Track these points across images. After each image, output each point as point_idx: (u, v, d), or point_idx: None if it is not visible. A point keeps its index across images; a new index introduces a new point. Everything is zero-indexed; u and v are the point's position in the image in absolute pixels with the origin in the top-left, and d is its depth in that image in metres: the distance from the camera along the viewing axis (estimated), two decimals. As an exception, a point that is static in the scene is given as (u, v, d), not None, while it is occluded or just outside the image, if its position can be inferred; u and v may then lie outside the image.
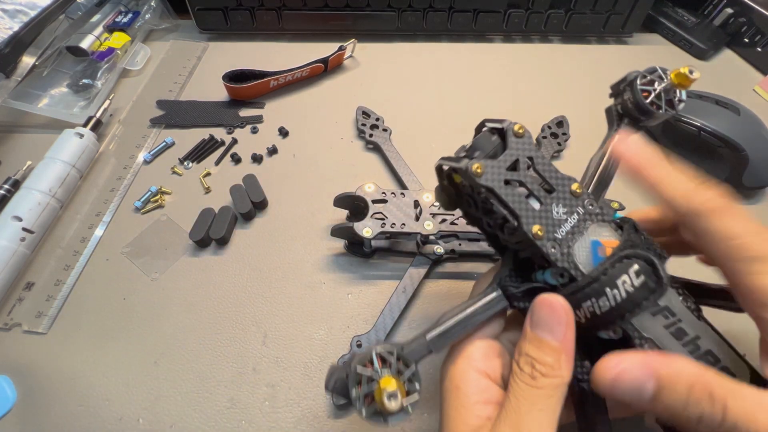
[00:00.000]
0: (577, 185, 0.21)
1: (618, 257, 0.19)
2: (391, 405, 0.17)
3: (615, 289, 0.18)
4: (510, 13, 0.51)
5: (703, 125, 0.38)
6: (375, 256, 0.35)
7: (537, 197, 0.20)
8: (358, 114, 0.43)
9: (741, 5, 0.51)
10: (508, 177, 0.20)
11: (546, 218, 0.20)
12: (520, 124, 0.21)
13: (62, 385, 0.29)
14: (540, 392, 0.18)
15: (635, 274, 0.18)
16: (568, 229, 0.20)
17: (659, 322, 0.19)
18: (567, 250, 0.20)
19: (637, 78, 0.24)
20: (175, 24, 0.53)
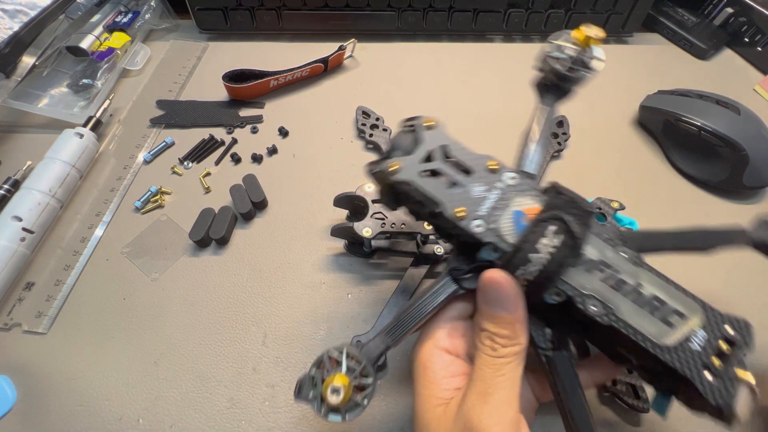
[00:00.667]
0: (494, 162, 0.22)
1: (536, 222, 0.20)
2: (333, 399, 0.18)
3: (538, 253, 0.19)
4: (510, 13, 0.51)
5: (703, 125, 0.38)
6: (375, 256, 0.35)
7: (455, 181, 0.21)
8: (358, 114, 0.43)
9: (741, 5, 0.50)
10: (424, 168, 0.21)
11: (466, 199, 0.21)
12: (430, 117, 0.22)
13: (62, 385, 0.29)
14: (501, 360, 0.20)
15: (553, 235, 0.19)
16: (490, 204, 0.21)
17: (596, 276, 0.20)
18: (493, 225, 0.21)
19: (547, 49, 0.26)
20: (175, 24, 0.53)
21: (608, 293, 0.20)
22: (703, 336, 0.20)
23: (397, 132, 0.23)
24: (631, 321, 0.19)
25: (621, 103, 0.47)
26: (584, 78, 0.26)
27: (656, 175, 0.41)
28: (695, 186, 0.40)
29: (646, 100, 0.44)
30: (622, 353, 0.22)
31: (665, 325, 0.20)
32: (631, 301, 0.20)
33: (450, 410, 0.20)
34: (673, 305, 0.20)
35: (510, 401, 0.19)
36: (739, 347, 0.19)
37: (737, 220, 0.38)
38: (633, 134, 0.44)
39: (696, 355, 0.19)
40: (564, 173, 0.41)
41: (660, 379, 0.22)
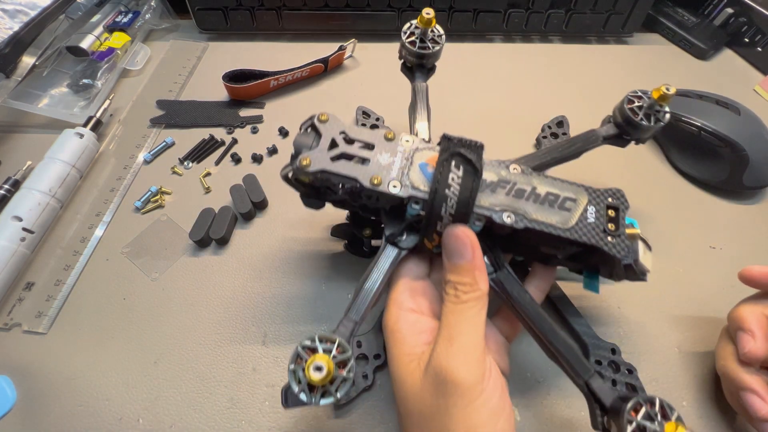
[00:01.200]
0: (389, 131, 0.24)
1: (440, 164, 0.23)
2: (316, 376, 0.19)
3: (450, 188, 0.22)
4: (510, 13, 0.51)
5: (703, 125, 0.38)
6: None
7: (362, 157, 0.24)
8: (358, 114, 0.43)
9: (741, 5, 0.51)
10: (332, 155, 0.23)
11: (377, 168, 0.23)
12: (323, 112, 0.25)
13: (62, 385, 0.29)
14: (465, 306, 0.22)
15: (456, 168, 0.22)
16: (398, 166, 0.23)
17: (500, 193, 0.23)
18: (407, 182, 0.23)
19: (402, 37, 0.31)
20: (175, 24, 0.53)
21: (515, 203, 0.23)
22: (593, 210, 0.24)
23: (296, 135, 0.25)
24: (540, 218, 0.23)
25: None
26: (437, 52, 0.32)
27: (656, 176, 0.41)
28: (695, 186, 0.40)
29: (646, 100, 0.44)
30: (545, 252, 0.26)
31: (565, 211, 0.23)
32: (533, 202, 0.23)
33: (422, 361, 0.21)
34: (564, 194, 0.24)
35: (475, 342, 0.21)
36: (621, 210, 0.24)
37: (738, 220, 0.38)
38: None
39: (594, 226, 0.23)
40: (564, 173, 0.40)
41: (582, 261, 0.26)
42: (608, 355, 0.29)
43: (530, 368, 0.30)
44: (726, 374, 0.26)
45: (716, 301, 0.33)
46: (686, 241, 0.36)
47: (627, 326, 0.32)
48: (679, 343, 0.31)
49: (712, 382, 0.29)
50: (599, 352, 0.29)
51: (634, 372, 0.28)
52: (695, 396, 0.29)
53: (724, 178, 0.38)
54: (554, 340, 0.23)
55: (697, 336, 0.31)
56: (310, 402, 0.20)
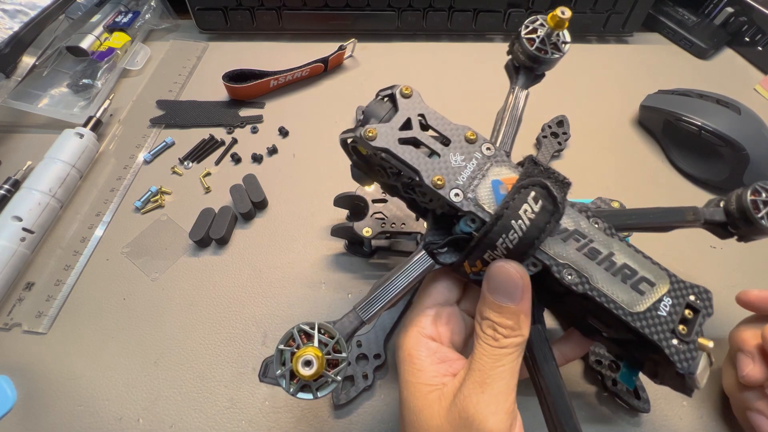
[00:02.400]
0: (471, 132, 0.22)
1: (516, 189, 0.20)
2: (305, 371, 0.18)
3: (519, 219, 0.19)
4: (510, 13, 0.51)
5: (703, 124, 0.38)
6: (375, 256, 0.35)
7: (433, 150, 0.21)
8: (358, 114, 0.43)
9: (741, 4, 0.50)
10: (402, 136, 0.21)
11: (445, 168, 0.21)
12: (407, 85, 0.22)
13: (62, 385, 0.29)
14: (503, 351, 0.20)
15: (533, 201, 0.19)
16: (468, 174, 0.21)
17: (572, 246, 0.20)
18: (471, 195, 0.20)
19: (521, 30, 0.26)
20: (175, 24, 0.53)
21: (583, 262, 0.20)
22: (669, 303, 0.20)
23: (372, 100, 0.22)
24: (605, 289, 0.20)
25: (621, 103, 0.47)
26: (554, 60, 0.26)
27: (656, 175, 0.41)
28: (695, 186, 0.40)
29: (646, 99, 0.44)
30: (593, 324, 0.22)
31: (636, 293, 0.20)
32: (604, 269, 0.20)
33: (445, 397, 0.20)
34: (642, 273, 0.20)
35: (508, 391, 0.19)
36: (701, 315, 0.20)
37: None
38: (633, 134, 0.44)
39: (663, 321, 0.20)
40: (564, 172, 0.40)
41: (629, 350, 0.23)
42: (608, 354, 0.29)
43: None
44: (732, 394, 0.26)
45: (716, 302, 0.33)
46: (686, 241, 0.36)
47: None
48: (680, 343, 0.31)
49: (711, 382, 0.29)
50: (598, 350, 0.29)
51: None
52: (695, 396, 0.29)
53: (725, 177, 0.38)
54: (566, 424, 0.20)
55: (698, 336, 0.31)
56: (286, 390, 0.19)
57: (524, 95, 0.27)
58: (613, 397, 0.28)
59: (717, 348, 0.28)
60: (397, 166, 0.21)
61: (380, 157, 0.21)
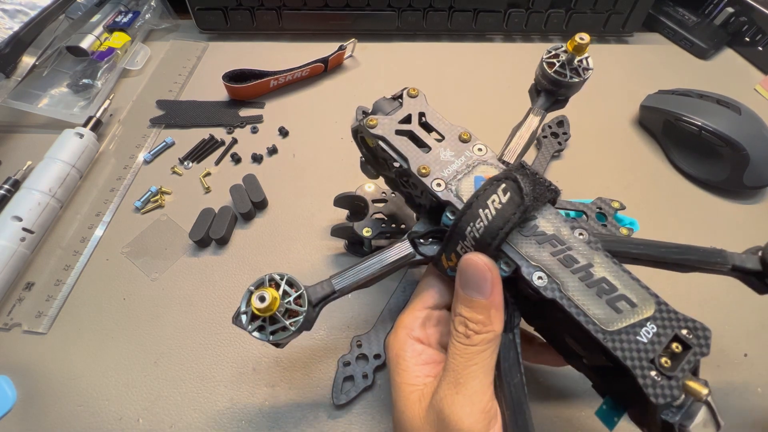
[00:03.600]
0: (466, 133, 0.23)
1: (489, 182, 0.21)
2: (256, 304, 0.18)
3: (486, 209, 0.20)
4: (510, 13, 0.51)
5: (704, 124, 0.38)
6: None
7: (425, 143, 0.23)
8: (358, 114, 0.43)
9: (742, 4, 0.50)
10: (399, 128, 0.23)
11: (433, 160, 0.22)
12: (415, 87, 0.24)
13: (62, 385, 0.29)
14: (474, 348, 0.19)
15: (503, 192, 0.20)
16: (454, 168, 0.22)
17: (546, 250, 0.20)
18: (453, 187, 0.22)
19: (542, 57, 0.28)
20: (175, 24, 0.53)
21: (556, 267, 0.20)
22: (653, 330, 0.18)
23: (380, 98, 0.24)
24: (577, 299, 0.19)
25: (621, 103, 0.47)
26: (573, 84, 0.27)
27: (657, 175, 0.41)
28: (696, 186, 0.40)
29: (646, 99, 0.44)
30: (570, 347, 0.21)
31: (612, 310, 0.19)
32: (578, 278, 0.19)
33: (425, 398, 0.20)
34: (623, 292, 0.19)
35: (482, 390, 0.19)
36: (692, 354, 0.18)
37: (738, 220, 0.38)
38: (633, 134, 0.44)
39: (642, 348, 0.18)
40: (564, 173, 0.41)
41: (608, 381, 0.21)
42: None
43: (528, 369, 0.30)
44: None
45: (716, 301, 0.33)
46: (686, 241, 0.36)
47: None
48: (680, 343, 0.31)
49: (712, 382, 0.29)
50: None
51: None
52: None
53: (725, 177, 0.38)
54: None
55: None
56: (245, 326, 0.20)
57: (540, 116, 0.28)
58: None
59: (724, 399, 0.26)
60: (390, 155, 0.22)
61: (381, 147, 0.23)
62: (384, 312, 0.31)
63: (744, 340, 0.31)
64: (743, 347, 0.31)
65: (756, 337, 0.31)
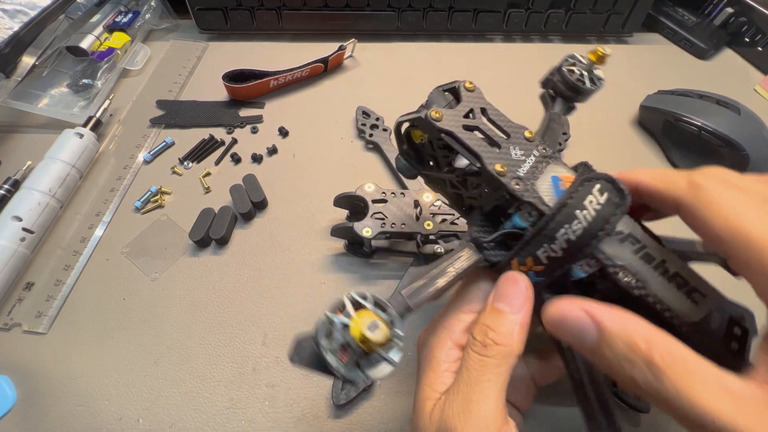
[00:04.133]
0: (530, 132, 0.22)
1: (580, 182, 0.20)
2: (376, 335, 0.15)
3: (584, 210, 0.19)
4: (510, 13, 0.51)
5: (703, 125, 0.38)
6: (375, 256, 0.35)
7: (495, 141, 0.21)
8: (358, 114, 0.43)
9: (741, 5, 0.50)
10: (466, 123, 0.21)
11: (506, 158, 0.21)
12: (471, 80, 0.22)
13: (62, 385, 0.29)
14: (489, 361, 0.18)
15: (599, 192, 0.19)
16: (527, 168, 0.21)
17: (628, 248, 0.20)
18: (530, 186, 0.20)
19: (562, 64, 0.28)
20: (175, 24, 0.53)
21: (639, 265, 0.19)
22: (719, 317, 0.19)
23: (434, 89, 0.23)
24: (662, 295, 0.19)
25: (621, 103, 0.47)
26: (591, 91, 0.29)
27: (656, 175, 0.41)
28: (695, 186, 0.40)
29: (646, 100, 0.44)
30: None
31: (691, 302, 0.19)
32: (659, 274, 0.19)
33: (438, 408, 0.19)
34: (693, 284, 0.19)
35: (494, 413, 0.18)
36: (749, 335, 0.19)
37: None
38: (633, 134, 0.44)
39: (715, 336, 0.19)
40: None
41: None
42: None
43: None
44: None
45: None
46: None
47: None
48: (679, 343, 0.31)
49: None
50: None
51: None
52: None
53: (725, 177, 0.38)
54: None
55: (697, 336, 0.31)
56: (337, 370, 0.16)
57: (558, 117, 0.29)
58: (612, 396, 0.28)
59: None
60: (459, 150, 0.21)
61: (437, 144, 0.21)
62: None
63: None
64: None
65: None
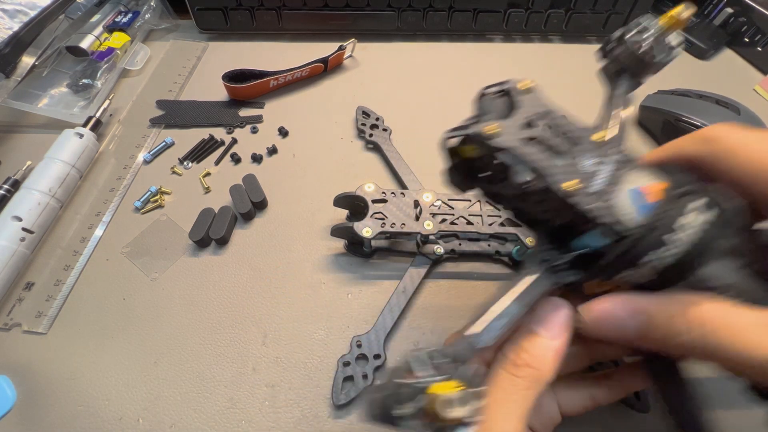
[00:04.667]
0: (600, 134, 0.19)
1: (673, 197, 0.17)
2: (456, 412, 0.14)
3: (680, 231, 0.16)
4: (510, 13, 0.51)
5: (703, 125, 0.38)
6: (375, 256, 0.35)
7: (561, 152, 0.18)
8: (358, 114, 0.43)
9: (741, 5, 0.50)
10: (525, 135, 0.18)
11: (576, 173, 0.17)
12: (526, 80, 0.19)
13: (62, 385, 0.29)
14: (518, 382, 0.17)
15: (699, 211, 0.16)
16: (602, 181, 0.17)
17: (732, 265, 0.16)
18: (606, 203, 0.17)
19: (625, 32, 0.22)
20: (175, 24, 0.53)
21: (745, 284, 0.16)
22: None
23: (482, 96, 0.19)
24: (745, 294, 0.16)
25: (621, 103, 0.47)
26: (662, 64, 0.23)
27: (656, 175, 0.41)
28: (695, 186, 0.40)
29: (645, 100, 0.44)
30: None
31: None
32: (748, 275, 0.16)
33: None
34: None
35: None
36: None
37: (737, 220, 0.38)
38: (633, 134, 0.44)
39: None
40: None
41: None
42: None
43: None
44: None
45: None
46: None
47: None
48: (679, 343, 0.31)
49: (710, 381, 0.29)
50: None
51: None
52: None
53: (724, 177, 0.38)
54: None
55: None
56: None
57: (624, 98, 0.24)
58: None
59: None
60: (517, 169, 0.17)
61: (494, 160, 0.18)
62: (384, 312, 0.31)
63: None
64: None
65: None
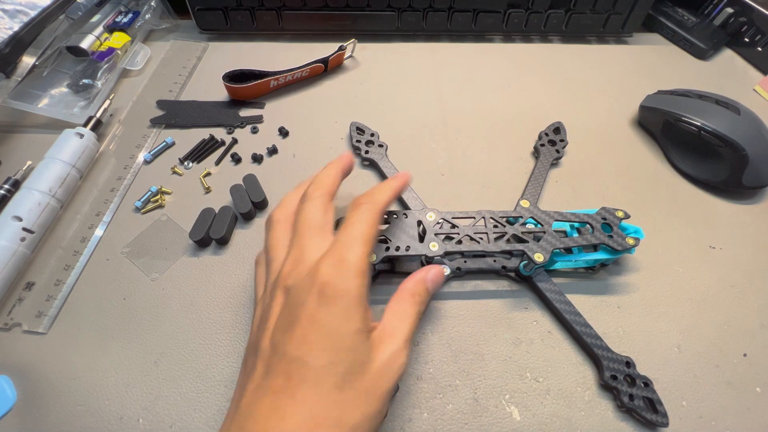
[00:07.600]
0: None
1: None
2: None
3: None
4: (510, 13, 0.51)
5: (703, 125, 0.38)
6: (378, 279, 0.34)
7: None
8: (351, 130, 0.42)
9: (741, 5, 0.51)
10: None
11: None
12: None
13: (62, 385, 0.29)
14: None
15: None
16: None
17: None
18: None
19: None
20: (175, 24, 0.53)
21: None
22: None
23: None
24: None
25: (621, 104, 0.47)
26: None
27: (656, 176, 0.41)
28: (695, 186, 0.40)
29: (645, 100, 0.44)
30: None
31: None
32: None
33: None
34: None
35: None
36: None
37: (738, 220, 0.38)
38: (633, 134, 0.44)
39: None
40: (564, 175, 0.41)
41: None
42: (623, 369, 0.28)
43: (529, 367, 0.30)
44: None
45: (716, 301, 0.33)
46: (686, 241, 0.36)
47: (627, 326, 0.32)
48: (679, 343, 0.31)
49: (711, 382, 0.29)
50: (613, 366, 0.28)
51: (650, 385, 0.28)
52: (695, 396, 0.29)
53: (724, 178, 0.38)
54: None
55: (697, 336, 0.31)
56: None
57: None
58: (629, 412, 0.28)
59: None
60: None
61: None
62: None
63: (743, 340, 0.31)
64: (742, 347, 0.31)
65: (755, 337, 0.31)
